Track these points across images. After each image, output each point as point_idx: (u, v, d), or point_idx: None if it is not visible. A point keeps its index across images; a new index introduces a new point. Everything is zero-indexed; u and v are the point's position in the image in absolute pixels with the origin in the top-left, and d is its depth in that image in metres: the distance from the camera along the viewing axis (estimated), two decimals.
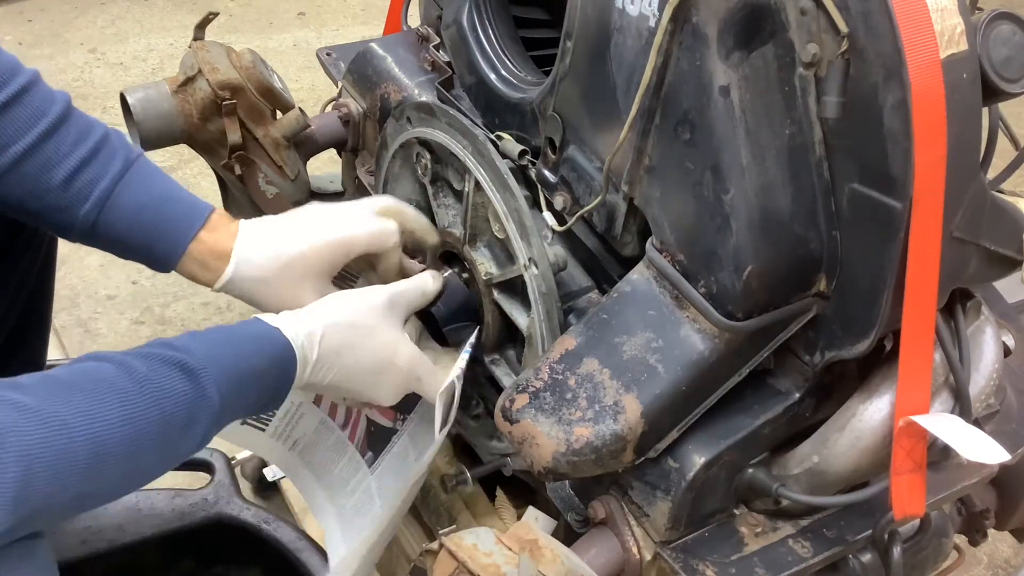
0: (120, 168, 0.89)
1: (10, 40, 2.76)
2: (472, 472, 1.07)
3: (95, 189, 0.88)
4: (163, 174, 0.93)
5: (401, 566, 1.21)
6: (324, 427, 1.07)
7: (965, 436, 0.74)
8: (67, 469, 0.64)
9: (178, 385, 0.71)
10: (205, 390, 0.73)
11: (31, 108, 0.86)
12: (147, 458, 0.71)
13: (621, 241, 0.88)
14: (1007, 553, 1.64)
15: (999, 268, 0.81)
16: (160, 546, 1.19)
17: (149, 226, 0.90)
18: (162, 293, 2.02)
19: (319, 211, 0.96)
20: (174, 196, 0.92)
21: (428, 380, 0.92)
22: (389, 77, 1.18)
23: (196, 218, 0.91)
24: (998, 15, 0.70)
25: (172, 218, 0.91)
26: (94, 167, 0.88)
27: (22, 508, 0.61)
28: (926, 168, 0.67)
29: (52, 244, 1.15)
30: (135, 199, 0.90)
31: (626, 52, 0.81)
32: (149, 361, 0.72)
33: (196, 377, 0.72)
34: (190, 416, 0.72)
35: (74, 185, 0.88)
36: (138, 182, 0.90)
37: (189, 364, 0.72)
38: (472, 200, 0.97)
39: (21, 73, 0.87)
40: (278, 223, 0.94)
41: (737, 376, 0.82)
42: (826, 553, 0.85)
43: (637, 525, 0.86)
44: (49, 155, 0.87)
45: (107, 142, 0.90)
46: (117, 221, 0.90)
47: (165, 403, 0.70)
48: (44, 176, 0.87)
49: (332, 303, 0.87)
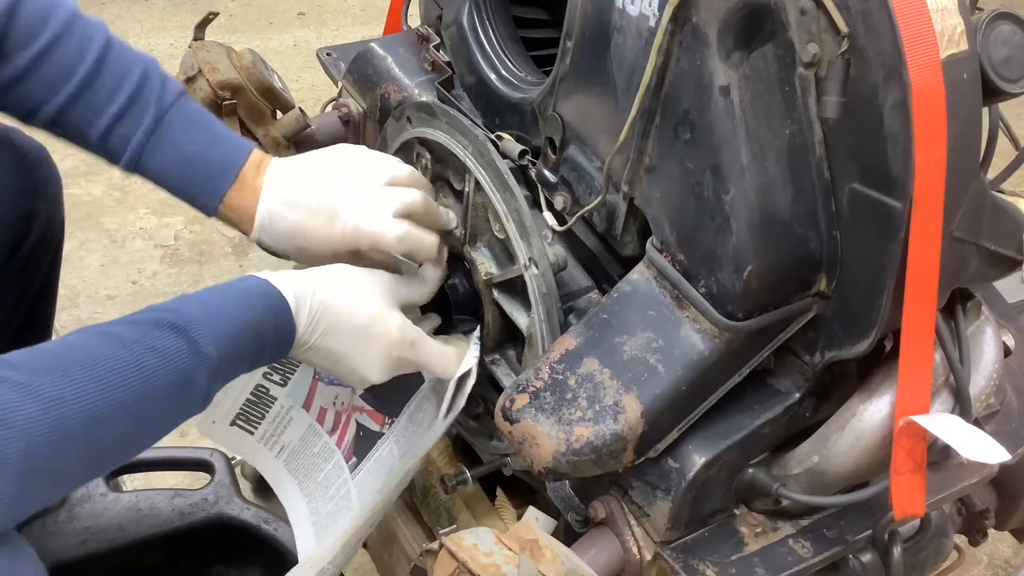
0: (151, 122, 0.89)
1: None
2: (472, 472, 1.07)
3: (128, 145, 0.89)
4: (196, 119, 0.92)
5: (401, 566, 1.21)
6: (311, 433, 1.07)
7: (965, 436, 0.74)
8: (66, 439, 0.64)
9: (170, 344, 0.71)
10: (198, 345, 0.72)
11: (62, 61, 0.86)
12: (146, 420, 0.71)
13: (621, 241, 0.88)
14: (1007, 553, 1.64)
15: (999, 268, 0.81)
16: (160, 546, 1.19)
17: (180, 183, 0.92)
18: (162, 293, 2.02)
19: (350, 181, 0.91)
20: (201, 155, 0.91)
21: (424, 348, 0.88)
22: (389, 77, 1.18)
23: (224, 177, 0.91)
24: (998, 15, 0.70)
25: (199, 180, 0.92)
26: (126, 123, 0.89)
27: (29, 480, 0.62)
28: (926, 168, 0.67)
29: (59, 246, 1.15)
30: (164, 158, 0.91)
31: (626, 52, 0.81)
32: (138, 326, 0.72)
33: (187, 333, 0.72)
34: (186, 373, 0.72)
35: (110, 141, 0.90)
36: (168, 138, 0.90)
37: (179, 323, 0.72)
38: (472, 200, 0.97)
39: (53, 17, 0.86)
40: (306, 188, 0.91)
41: (737, 376, 0.82)
42: (826, 553, 0.85)
43: (637, 525, 0.86)
44: (84, 112, 0.88)
45: (141, 92, 0.89)
46: (154, 173, 0.92)
47: (157, 364, 0.70)
48: (82, 132, 0.90)
49: (329, 267, 0.87)
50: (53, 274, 1.16)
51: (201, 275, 2.09)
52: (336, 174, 0.91)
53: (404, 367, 0.89)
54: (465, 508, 1.13)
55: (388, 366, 0.87)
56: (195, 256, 2.14)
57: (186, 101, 0.92)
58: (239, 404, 1.04)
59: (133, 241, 2.16)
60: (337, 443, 1.07)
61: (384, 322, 0.86)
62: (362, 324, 0.85)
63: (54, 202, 1.11)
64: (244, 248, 2.14)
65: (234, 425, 1.05)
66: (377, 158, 0.94)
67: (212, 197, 0.91)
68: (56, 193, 1.11)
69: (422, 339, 0.88)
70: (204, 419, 1.04)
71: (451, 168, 1.02)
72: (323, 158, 0.94)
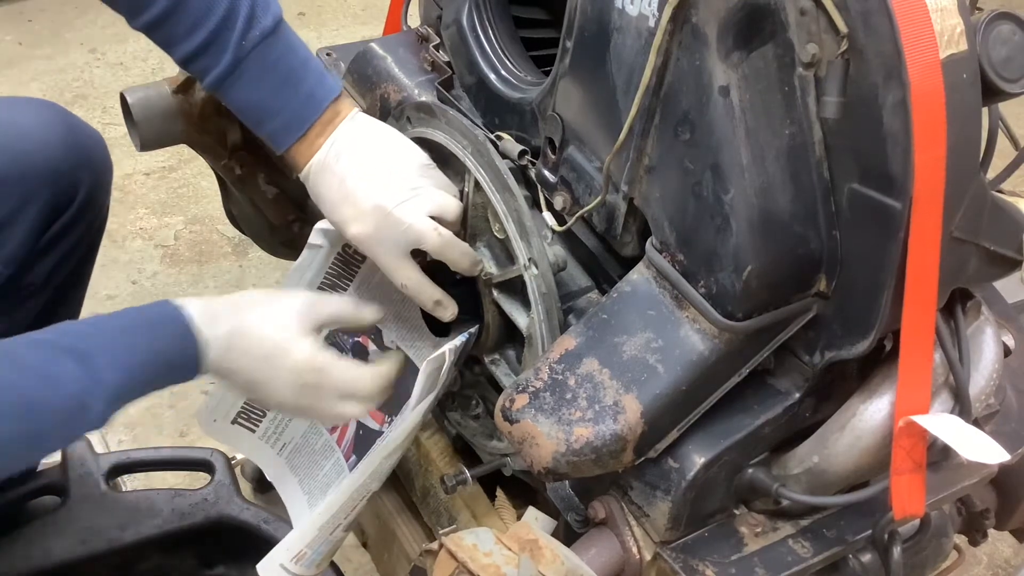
0: (227, 66, 0.91)
1: (10, 40, 2.76)
2: (472, 472, 1.07)
3: (206, 76, 0.93)
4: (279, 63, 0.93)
5: (401, 566, 1.21)
6: (313, 430, 1.07)
7: (965, 436, 0.74)
8: None
9: (67, 371, 0.74)
10: (98, 373, 0.75)
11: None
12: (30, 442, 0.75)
13: (621, 241, 0.88)
14: (1007, 553, 1.64)
15: (999, 268, 0.81)
16: (160, 546, 1.20)
17: (252, 125, 0.97)
18: (162, 293, 2.02)
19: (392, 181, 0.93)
20: (271, 107, 0.94)
21: (333, 372, 0.87)
22: (389, 77, 1.18)
23: (290, 132, 0.94)
24: (998, 15, 0.70)
25: (267, 130, 0.95)
26: (203, 60, 0.92)
27: None
28: (926, 168, 0.67)
29: (100, 227, 1.18)
30: (238, 97, 0.94)
31: (626, 52, 0.81)
32: (40, 349, 0.75)
33: (87, 361, 0.75)
34: (81, 400, 0.74)
35: (190, 67, 0.94)
36: (244, 81, 0.93)
37: (81, 349, 0.75)
38: (472, 200, 0.98)
39: None
40: (356, 186, 0.93)
41: (737, 376, 0.82)
42: (826, 553, 0.85)
43: (637, 525, 0.86)
44: (166, 37, 0.93)
45: (220, 33, 0.90)
46: (229, 106, 0.96)
47: (48, 392, 0.73)
48: (168, 51, 0.94)
49: (246, 292, 0.88)
50: (91, 253, 1.19)
51: (201, 275, 2.09)
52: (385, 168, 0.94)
53: (317, 392, 0.87)
54: (465, 508, 1.13)
55: (298, 391, 0.86)
56: (195, 256, 2.14)
57: (271, 42, 0.92)
58: (240, 402, 1.04)
59: (133, 241, 2.16)
60: (337, 441, 1.07)
61: (293, 347, 0.85)
62: (270, 350, 0.85)
63: (99, 177, 1.13)
64: (244, 248, 2.14)
65: (235, 423, 1.05)
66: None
67: (277, 147, 0.96)
68: (102, 171, 1.14)
69: (331, 364, 0.87)
70: (206, 417, 1.05)
71: (451, 168, 1.02)
72: (379, 151, 0.96)
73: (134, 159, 2.36)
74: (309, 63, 0.95)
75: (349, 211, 0.92)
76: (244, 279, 2.08)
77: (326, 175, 0.94)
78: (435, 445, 1.20)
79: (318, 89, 0.95)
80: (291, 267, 1.03)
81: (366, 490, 0.96)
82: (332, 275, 1.03)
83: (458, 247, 0.95)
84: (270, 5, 0.93)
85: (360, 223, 0.92)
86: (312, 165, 0.95)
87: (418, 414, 0.92)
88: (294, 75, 0.94)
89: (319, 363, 0.86)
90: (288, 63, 0.94)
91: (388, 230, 0.91)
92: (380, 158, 0.95)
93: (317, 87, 0.95)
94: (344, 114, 0.96)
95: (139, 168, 2.36)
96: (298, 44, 0.95)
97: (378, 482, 0.97)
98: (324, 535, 0.95)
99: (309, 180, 0.96)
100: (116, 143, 2.39)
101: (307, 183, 0.97)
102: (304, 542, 0.95)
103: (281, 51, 0.93)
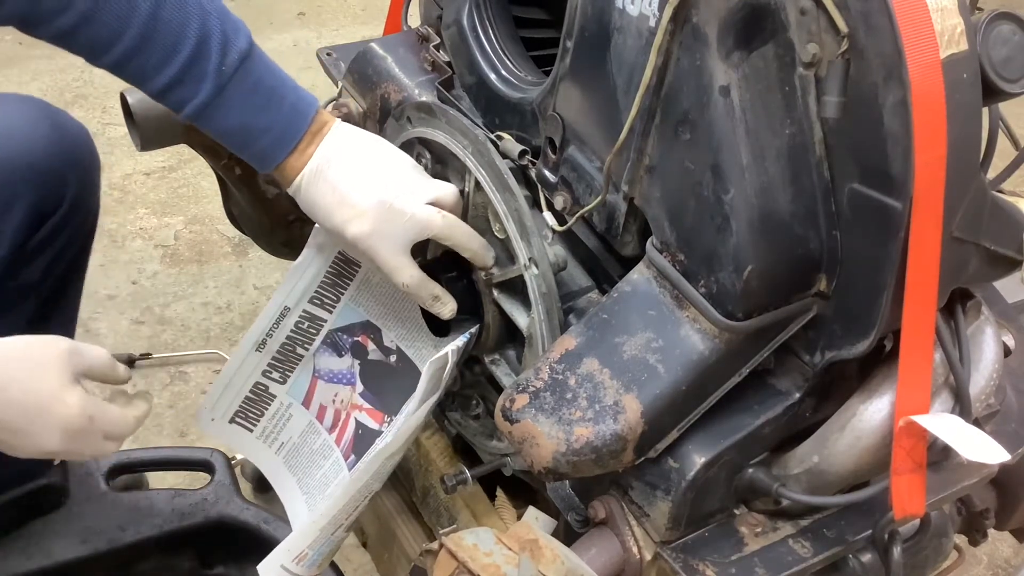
0: (209, 94, 0.90)
1: (10, 40, 2.76)
2: (472, 472, 1.07)
3: (185, 107, 0.91)
4: (259, 85, 0.92)
5: (401, 566, 1.21)
6: (311, 430, 1.07)
7: (965, 436, 0.74)
8: None
9: None
10: None
11: (101, 33, 0.87)
12: None
13: (621, 241, 0.88)
14: (1007, 553, 1.64)
15: (999, 268, 0.81)
16: (160, 546, 1.20)
17: (236, 148, 0.95)
18: (162, 293, 2.02)
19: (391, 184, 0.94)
20: (258, 126, 0.93)
21: (104, 418, 0.85)
22: (389, 77, 1.18)
23: (281, 148, 0.93)
24: (998, 15, 0.70)
25: (254, 149, 0.94)
26: (180, 90, 0.90)
27: None
28: (926, 168, 0.67)
29: (92, 225, 1.17)
30: (221, 123, 0.92)
31: (626, 52, 0.81)
32: None
33: None
34: None
35: (168, 98, 0.91)
36: (226, 106, 0.91)
37: None
38: (472, 200, 0.98)
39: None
40: (348, 193, 0.93)
41: (737, 376, 0.82)
42: (826, 553, 0.85)
43: (637, 525, 0.86)
44: (136, 73, 0.90)
45: (195, 63, 0.88)
46: (211, 133, 0.94)
47: None
48: (140, 85, 0.92)
49: (8, 340, 0.83)
50: (85, 252, 1.18)
51: (201, 275, 2.09)
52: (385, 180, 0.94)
53: (86, 436, 0.85)
54: (465, 508, 1.13)
55: (68, 438, 0.84)
56: (195, 256, 2.14)
57: (248, 65, 0.91)
58: (238, 401, 1.04)
59: (133, 241, 2.16)
60: (336, 441, 1.07)
61: (60, 399, 0.82)
62: (36, 403, 0.82)
63: (87, 175, 1.13)
64: (244, 248, 2.14)
65: (233, 422, 1.05)
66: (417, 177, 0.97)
67: (266, 165, 0.95)
68: (90, 169, 1.14)
69: (102, 412, 0.86)
70: (204, 415, 1.05)
71: (451, 168, 1.02)
72: (369, 155, 0.96)
73: (134, 159, 2.36)
74: (284, 77, 0.95)
75: (347, 212, 0.92)
76: (244, 279, 2.08)
77: (319, 183, 0.94)
78: (435, 445, 1.20)
79: (299, 103, 0.94)
80: (291, 267, 1.03)
81: (368, 490, 0.96)
82: (332, 274, 1.03)
83: (465, 229, 0.95)
84: (239, 25, 0.91)
85: (360, 222, 0.92)
86: (304, 176, 0.94)
87: (421, 415, 0.92)
88: (276, 93, 0.93)
89: (90, 411, 0.84)
90: (267, 82, 0.93)
91: (390, 224, 0.92)
92: (371, 160, 0.95)
93: (298, 101, 0.94)
94: (329, 123, 0.96)
95: (139, 168, 2.36)
96: (269, 59, 0.94)
97: (380, 482, 0.97)
98: (325, 535, 0.95)
99: (301, 191, 0.95)
100: (116, 143, 2.41)
101: (298, 195, 0.96)
102: (305, 543, 0.95)
103: (260, 71, 0.92)
